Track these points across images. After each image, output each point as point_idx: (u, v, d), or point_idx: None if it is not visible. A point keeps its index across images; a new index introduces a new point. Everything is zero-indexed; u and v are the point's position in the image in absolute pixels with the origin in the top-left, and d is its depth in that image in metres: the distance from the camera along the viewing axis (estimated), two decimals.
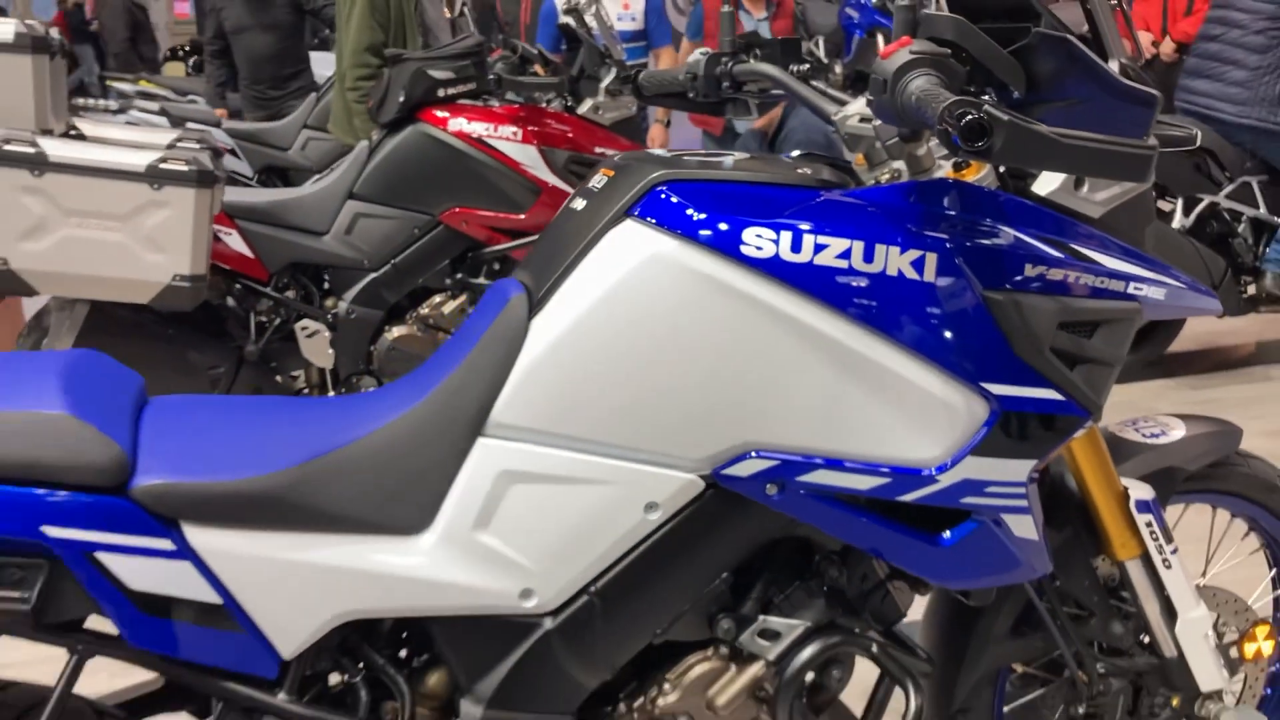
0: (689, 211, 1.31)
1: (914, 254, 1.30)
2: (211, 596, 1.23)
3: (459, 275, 3.65)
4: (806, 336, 1.30)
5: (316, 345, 3.50)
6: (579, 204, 1.41)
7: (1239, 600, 1.84)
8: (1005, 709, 1.83)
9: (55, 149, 2.83)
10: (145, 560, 1.21)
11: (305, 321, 3.50)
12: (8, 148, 2.77)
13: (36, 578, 1.17)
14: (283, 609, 1.26)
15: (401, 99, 3.49)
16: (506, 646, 1.36)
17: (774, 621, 1.42)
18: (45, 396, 1.21)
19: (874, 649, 1.45)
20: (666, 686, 1.43)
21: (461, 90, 3.54)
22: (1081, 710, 1.75)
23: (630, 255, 1.32)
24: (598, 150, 3.59)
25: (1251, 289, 4.18)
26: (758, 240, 1.29)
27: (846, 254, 1.29)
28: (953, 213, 1.34)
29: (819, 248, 1.29)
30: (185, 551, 1.22)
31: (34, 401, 1.20)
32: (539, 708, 1.37)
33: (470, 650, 1.35)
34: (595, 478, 1.34)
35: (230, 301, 3.46)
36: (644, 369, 1.32)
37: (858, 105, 1.49)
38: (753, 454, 1.34)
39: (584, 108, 3.74)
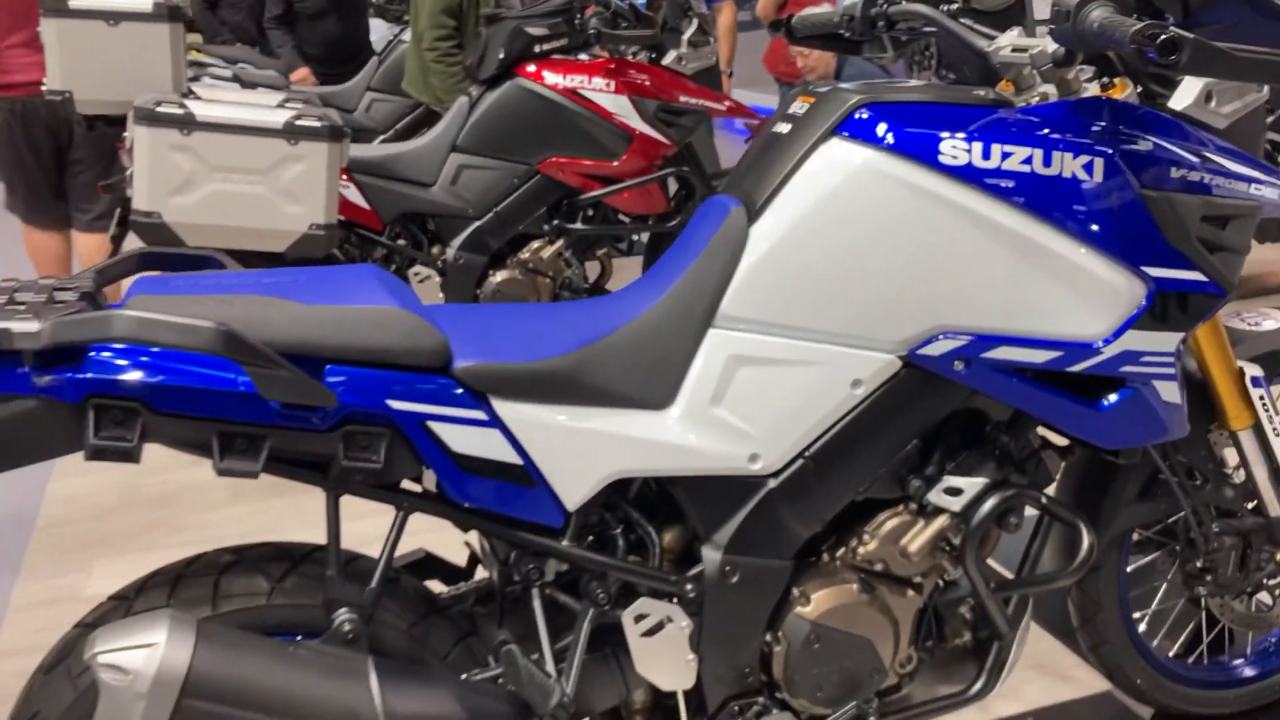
0: (891, 128, 1.55)
1: (1084, 159, 1.55)
2: (514, 458, 1.49)
3: (556, 221, 3.89)
4: (994, 231, 1.55)
5: (427, 290, 3.75)
6: (784, 128, 1.65)
7: None
8: (1128, 569, 2.09)
9: (201, 110, 3.06)
10: (464, 428, 1.46)
11: (417, 268, 3.75)
12: (160, 110, 3.00)
13: (380, 443, 1.42)
14: (568, 468, 1.51)
15: (500, 56, 3.71)
16: (737, 502, 1.61)
17: (957, 480, 1.67)
18: (377, 295, 1.46)
19: (1042, 501, 1.71)
20: (865, 538, 1.69)
21: (555, 45, 3.76)
22: (1198, 565, 2.01)
23: (839, 167, 1.56)
24: (683, 99, 3.81)
25: None
26: (953, 150, 1.54)
27: (1029, 160, 1.54)
28: (1110, 125, 1.59)
29: (1005, 155, 1.54)
30: (494, 421, 1.47)
31: (370, 299, 1.44)
32: (763, 553, 1.63)
33: (708, 505, 1.60)
34: (809, 360, 1.59)
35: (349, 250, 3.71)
36: (851, 266, 1.56)
37: (1009, 37, 1.73)
38: (943, 335, 1.58)
39: (668, 59, 3.96)
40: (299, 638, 1.49)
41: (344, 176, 3.62)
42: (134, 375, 1.32)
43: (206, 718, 1.31)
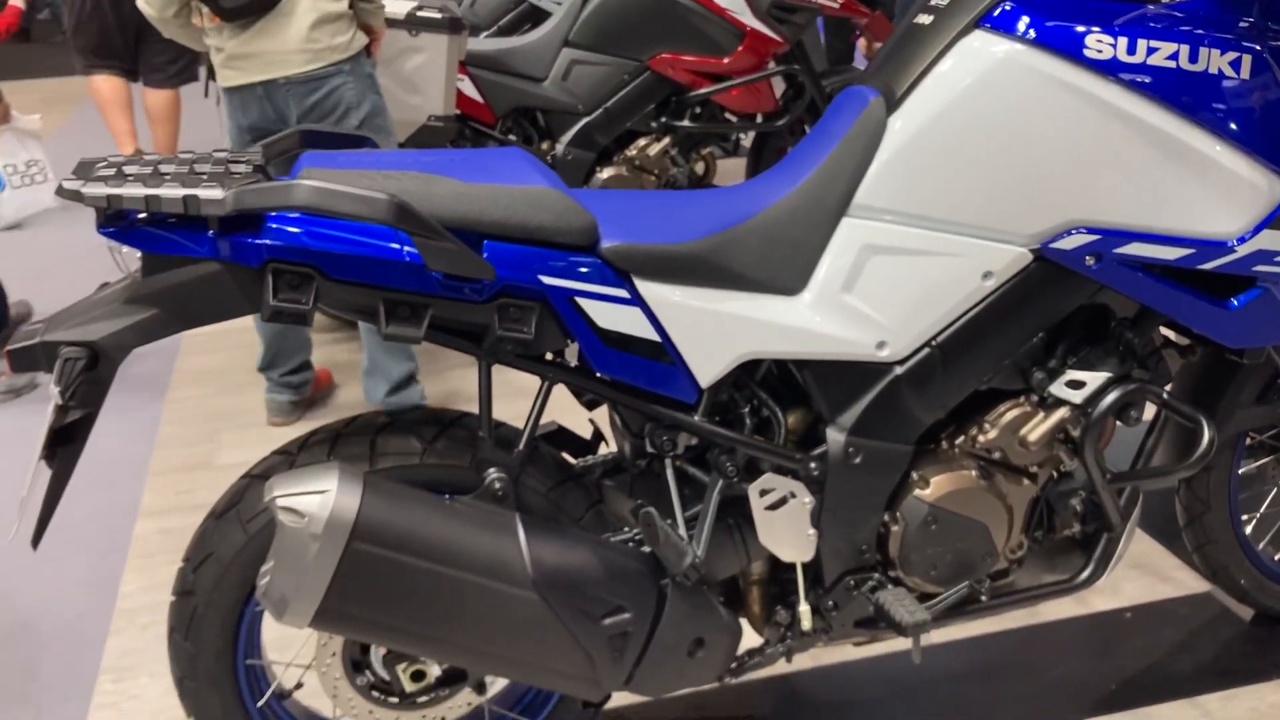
0: (1034, 22, 1.56)
1: (1232, 55, 1.54)
2: (653, 335, 1.56)
3: (664, 119, 3.92)
4: (1136, 127, 1.56)
5: None
6: (925, 19, 1.66)
7: None
8: (1240, 471, 2.11)
9: None
10: (609, 305, 1.53)
11: None
12: None
13: (531, 316, 1.51)
14: (703, 347, 1.58)
15: None
16: (863, 387, 1.67)
17: (1079, 374, 1.71)
18: (530, 176, 1.53)
19: (1163, 397, 1.74)
20: (986, 427, 1.74)
21: None
22: None
23: (982, 59, 1.58)
24: None
25: None
26: (1098, 45, 1.54)
27: (1175, 55, 1.54)
28: (1259, 21, 1.57)
29: (1151, 50, 1.54)
30: (636, 299, 1.54)
31: (524, 179, 1.52)
32: (886, 437, 1.69)
33: (834, 389, 1.67)
34: (941, 250, 1.63)
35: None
36: (989, 158, 1.59)
37: None
38: (1076, 230, 1.61)
39: None
40: (447, 496, 1.60)
41: (460, 70, 3.67)
42: (310, 242, 1.41)
43: (372, 560, 1.42)
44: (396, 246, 1.43)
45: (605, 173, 3.90)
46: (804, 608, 1.74)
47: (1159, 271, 1.66)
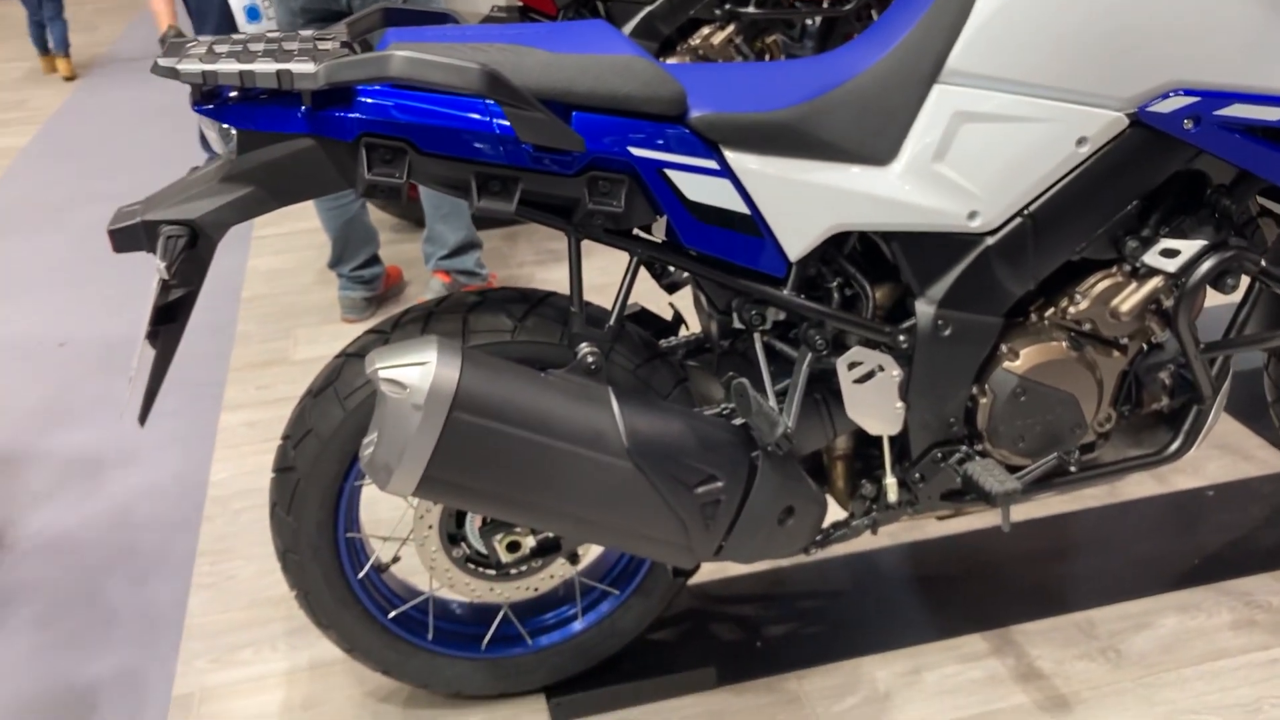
0: None
1: None
2: (742, 208, 1.55)
3: (728, 6, 3.83)
4: None
5: None
6: None
7: None
8: None
9: None
10: (698, 177, 1.52)
11: None
12: None
13: (621, 189, 1.50)
14: (792, 219, 1.57)
15: None
16: (953, 259, 1.65)
17: (1174, 242, 1.68)
18: (617, 45, 1.51)
19: (1260, 266, 1.71)
20: (1077, 298, 1.72)
21: None
22: None
23: None
24: None
25: None
26: None
27: None
28: None
29: None
30: (725, 171, 1.53)
31: (611, 48, 1.50)
32: (975, 309, 1.68)
33: (924, 261, 1.65)
34: (1035, 116, 1.59)
35: None
36: (1086, 19, 1.54)
37: None
38: (1176, 92, 1.56)
39: None
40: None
41: None
42: (402, 115, 1.41)
43: (472, 430, 1.45)
44: (487, 119, 1.43)
45: (669, 62, 3.83)
46: (890, 480, 1.75)
47: (1259, 134, 1.61)
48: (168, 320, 1.53)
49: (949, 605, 2.06)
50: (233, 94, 1.43)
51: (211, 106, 1.42)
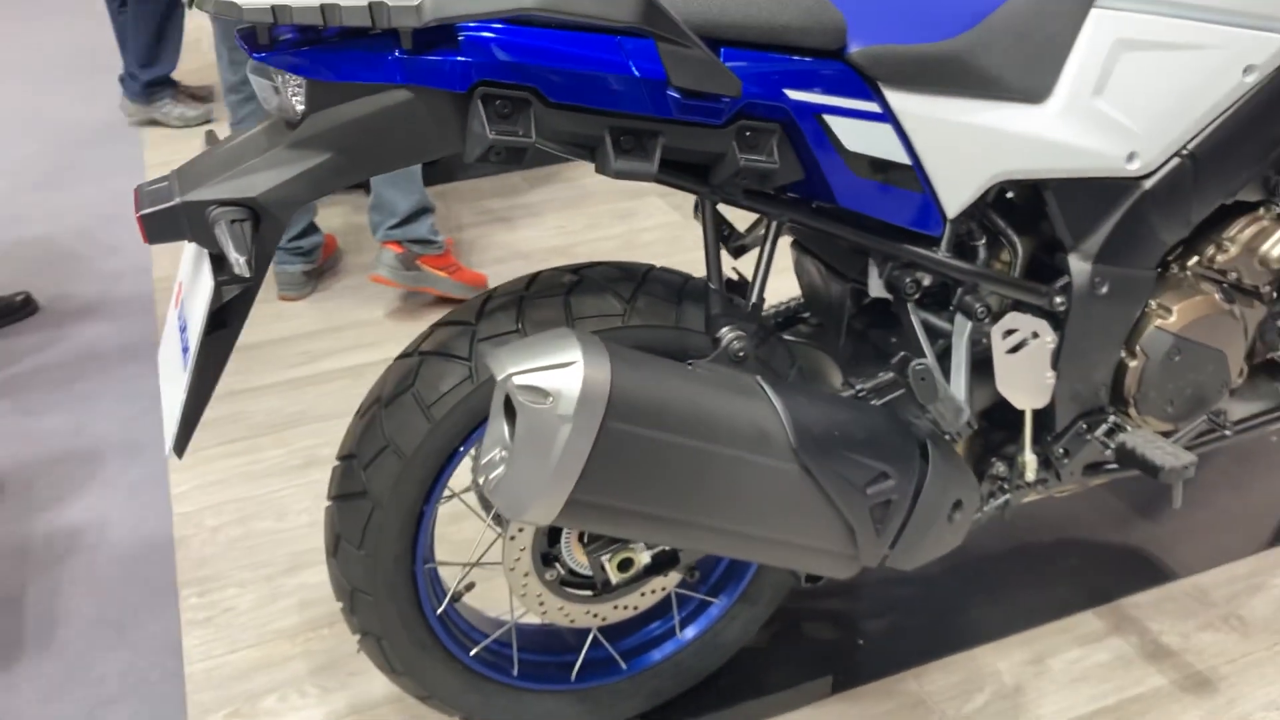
0: None
1: None
2: (903, 158, 1.32)
3: None
4: None
5: None
6: None
7: None
8: None
9: None
10: (858, 123, 1.29)
11: None
12: None
13: (771, 141, 1.26)
14: (953, 169, 1.35)
15: None
16: (1110, 207, 1.47)
17: None
18: None
19: None
20: (1225, 244, 1.56)
21: None
22: None
23: None
24: None
25: None
26: None
27: None
28: None
29: None
30: (887, 115, 1.30)
31: None
32: (1131, 263, 1.50)
33: (1080, 211, 1.46)
34: (1201, 42, 1.41)
35: None
36: None
37: None
38: None
39: None
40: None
41: None
42: (528, 59, 1.13)
43: (627, 441, 1.19)
44: (625, 60, 1.16)
45: None
46: (1028, 457, 1.57)
47: None
48: (219, 327, 1.22)
49: (1050, 582, 1.91)
50: (298, 36, 1.13)
51: (274, 53, 1.11)
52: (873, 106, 1.29)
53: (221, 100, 3.10)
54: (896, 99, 1.30)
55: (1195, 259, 1.59)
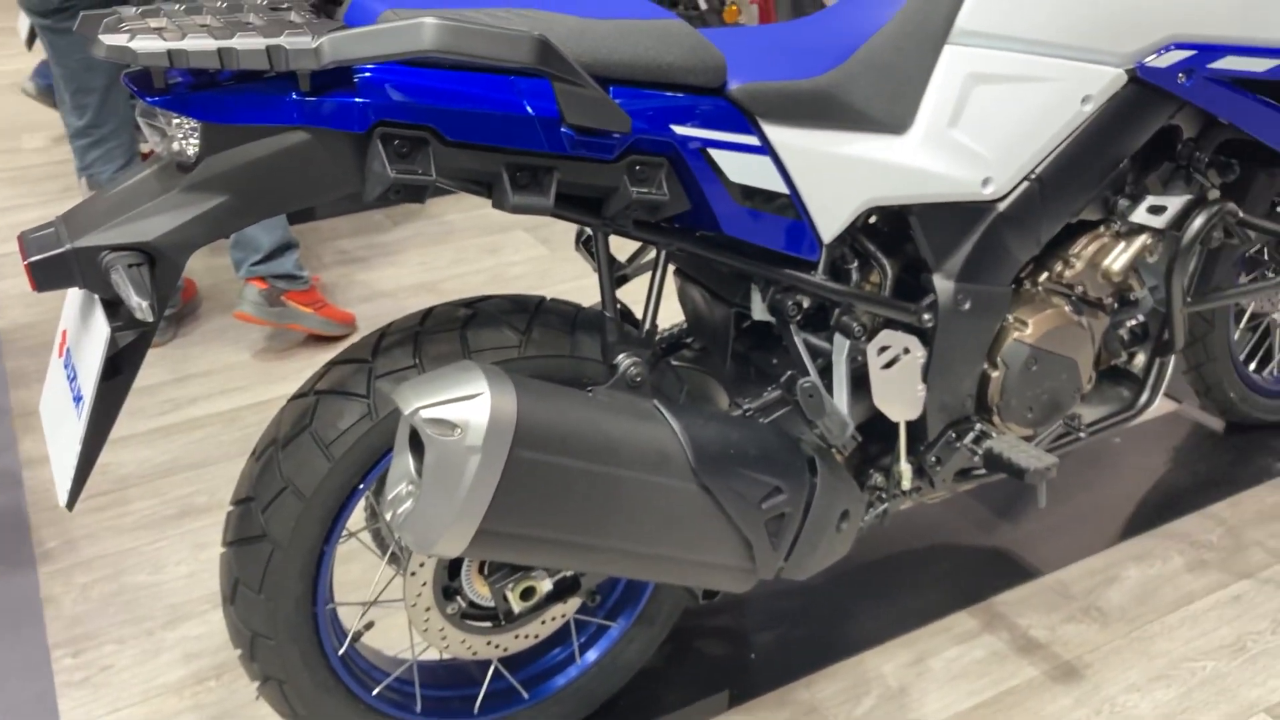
0: None
1: None
2: (781, 187, 1.39)
3: None
4: None
5: None
6: None
7: None
8: None
9: None
10: (739, 155, 1.35)
11: None
12: None
13: (660, 174, 1.31)
14: (827, 197, 1.43)
15: None
16: (968, 229, 1.57)
17: (1161, 198, 1.67)
18: (645, 8, 1.31)
19: (1238, 218, 1.73)
20: (1072, 260, 1.69)
21: None
22: None
23: None
24: None
25: None
26: None
27: None
28: None
29: None
30: (765, 147, 1.37)
31: (640, 12, 1.30)
32: (989, 280, 1.60)
33: (941, 233, 1.56)
34: (1043, 75, 1.53)
35: None
36: None
37: None
38: (1173, 46, 1.55)
39: None
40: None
41: None
42: (426, 98, 1.16)
43: (535, 469, 1.22)
44: (520, 99, 1.20)
45: None
46: (903, 467, 1.66)
47: (1243, 86, 1.63)
48: (114, 374, 1.20)
49: (926, 585, 2.01)
50: (192, 80, 1.13)
51: (170, 97, 1.11)
52: (752, 140, 1.36)
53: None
54: (773, 132, 1.38)
55: (1046, 275, 1.71)
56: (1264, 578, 2.01)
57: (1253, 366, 2.40)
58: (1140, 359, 1.88)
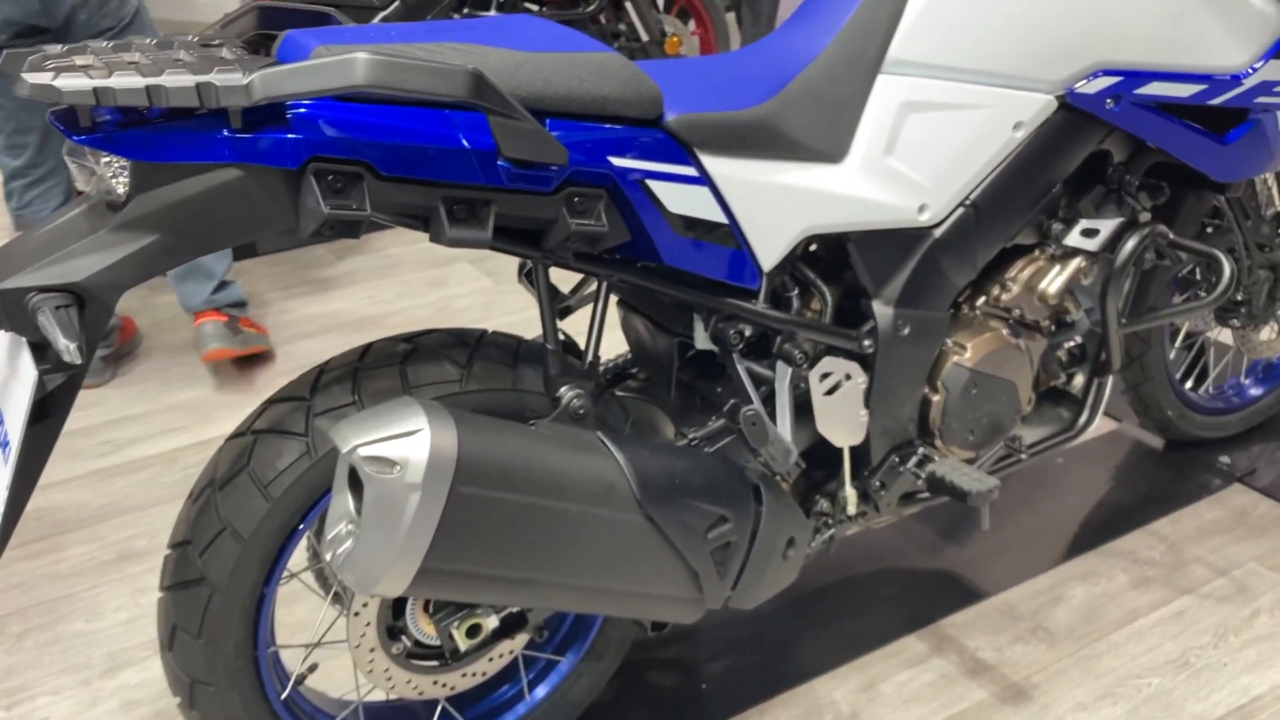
0: None
1: None
2: (720, 217, 1.40)
3: (465, 11, 3.64)
4: None
5: None
6: None
7: None
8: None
9: None
10: (677, 186, 1.35)
11: None
12: None
13: (599, 205, 1.31)
14: (766, 226, 1.44)
15: None
16: (905, 255, 1.59)
17: (1094, 222, 1.70)
18: (580, 41, 1.31)
19: (1169, 239, 1.76)
20: (1008, 284, 1.71)
21: None
22: (1237, 298, 2.15)
23: None
24: None
25: None
26: None
27: None
28: None
29: None
30: (703, 178, 1.37)
31: (576, 45, 1.30)
32: (927, 305, 1.62)
33: (879, 260, 1.57)
34: (975, 103, 1.55)
35: None
36: (1017, 4, 1.52)
37: None
38: (1101, 72, 1.58)
39: None
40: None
41: None
42: (359, 133, 1.15)
43: (477, 505, 1.21)
44: (455, 133, 1.20)
45: None
46: (848, 492, 1.66)
47: (1169, 111, 1.66)
48: (41, 418, 1.17)
49: (875, 610, 2.01)
50: (120, 117, 1.11)
51: (100, 135, 1.09)
52: (690, 170, 1.36)
53: None
54: (711, 163, 1.38)
55: (984, 299, 1.73)
56: (1205, 593, 2.04)
57: (1189, 385, 2.44)
58: (1079, 380, 1.91)
